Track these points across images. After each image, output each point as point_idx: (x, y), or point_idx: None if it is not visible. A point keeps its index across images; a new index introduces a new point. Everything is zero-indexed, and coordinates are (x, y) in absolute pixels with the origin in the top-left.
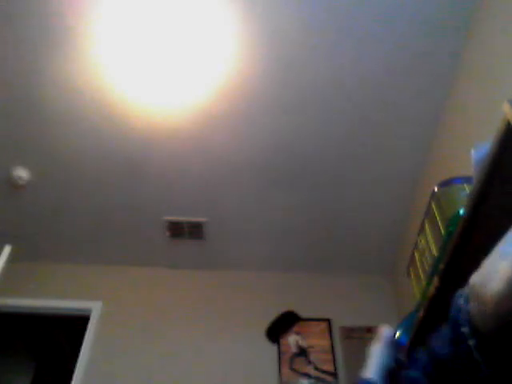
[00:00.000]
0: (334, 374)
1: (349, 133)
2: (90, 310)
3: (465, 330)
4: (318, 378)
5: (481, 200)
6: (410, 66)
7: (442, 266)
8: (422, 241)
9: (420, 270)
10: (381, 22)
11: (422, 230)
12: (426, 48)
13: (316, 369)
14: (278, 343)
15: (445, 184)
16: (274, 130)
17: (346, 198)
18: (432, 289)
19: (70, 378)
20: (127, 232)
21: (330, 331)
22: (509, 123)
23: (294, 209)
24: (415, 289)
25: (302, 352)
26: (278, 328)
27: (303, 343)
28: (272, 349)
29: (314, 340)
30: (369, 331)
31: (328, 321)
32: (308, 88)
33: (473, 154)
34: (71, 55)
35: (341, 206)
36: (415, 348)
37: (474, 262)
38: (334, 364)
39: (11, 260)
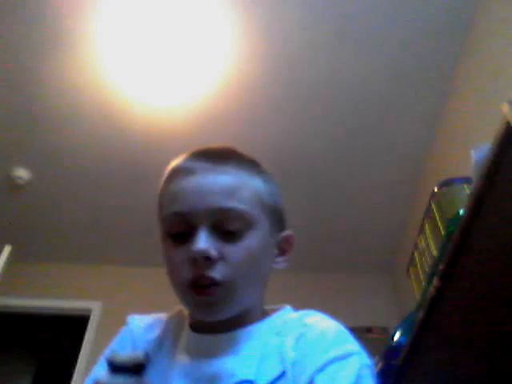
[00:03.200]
0: None
1: (349, 132)
2: (89, 310)
3: None
4: None
5: (481, 200)
6: (410, 67)
7: (441, 266)
8: (422, 241)
9: (420, 270)
10: (381, 23)
11: (421, 230)
12: (426, 49)
13: None
14: None
15: (445, 184)
16: (274, 131)
17: (346, 197)
18: (432, 289)
19: (71, 378)
20: (127, 232)
21: None
22: (508, 124)
23: (294, 209)
24: (415, 289)
25: None
26: None
27: None
28: None
29: None
30: (369, 331)
31: None
32: (309, 88)
33: (473, 154)
34: (71, 55)
35: (341, 205)
36: (415, 349)
37: (474, 263)
38: None
39: (11, 260)
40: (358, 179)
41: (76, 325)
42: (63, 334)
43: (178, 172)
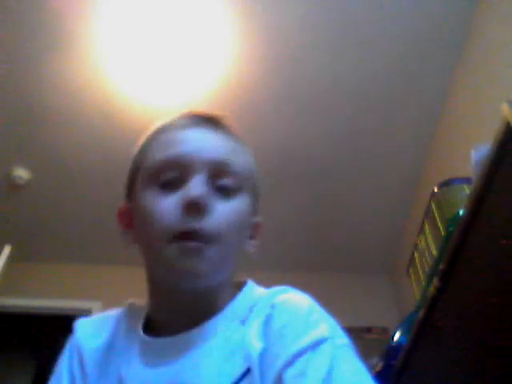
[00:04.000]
0: None
1: (349, 133)
2: (89, 310)
3: None
4: None
5: (480, 201)
6: (409, 67)
7: (441, 267)
8: (422, 241)
9: (420, 271)
10: (382, 22)
11: (421, 230)
12: (426, 49)
13: None
14: None
15: (445, 184)
16: (274, 132)
17: (346, 198)
18: (432, 289)
19: None
20: None
21: None
22: (508, 124)
23: (294, 209)
24: (415, 289)
25: None
26: None
27: None
28: None
29: None
30: (369, 331)
31: None
32: (309, 90)
33: (472, 154)
34: (71, 56)
35: (341, 205)
36: (415, 349)
37: (474, 263)
38: None
39: (11, 260)
40: (358, 180)
41: None
42: (63, 334)
43: (175, 125)
